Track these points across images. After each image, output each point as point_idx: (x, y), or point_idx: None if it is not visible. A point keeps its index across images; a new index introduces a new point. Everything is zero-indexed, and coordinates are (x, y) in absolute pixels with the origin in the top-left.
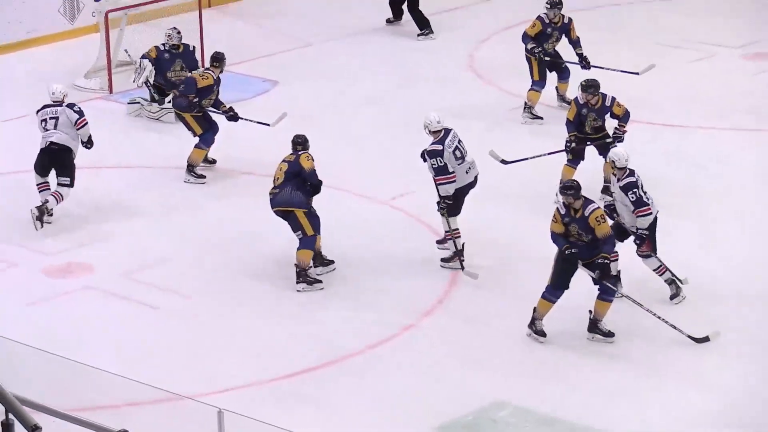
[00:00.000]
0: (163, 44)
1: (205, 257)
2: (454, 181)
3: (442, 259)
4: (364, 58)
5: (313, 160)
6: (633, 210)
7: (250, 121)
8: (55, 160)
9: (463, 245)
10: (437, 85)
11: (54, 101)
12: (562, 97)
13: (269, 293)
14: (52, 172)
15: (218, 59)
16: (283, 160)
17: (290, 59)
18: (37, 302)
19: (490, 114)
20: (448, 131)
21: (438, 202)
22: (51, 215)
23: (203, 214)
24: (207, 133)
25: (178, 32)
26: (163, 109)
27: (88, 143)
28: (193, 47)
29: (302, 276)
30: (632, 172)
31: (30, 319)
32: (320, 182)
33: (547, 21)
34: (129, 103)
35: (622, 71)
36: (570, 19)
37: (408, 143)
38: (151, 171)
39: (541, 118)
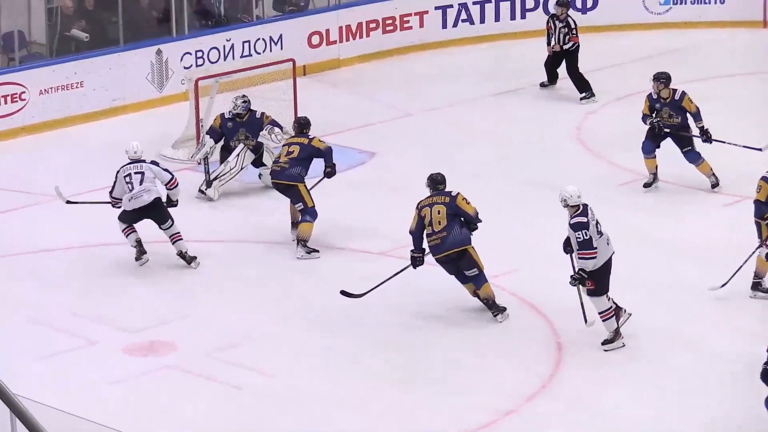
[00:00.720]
0: (229, 112)
1: (290, 335)
2: (595, 257)
3: (604, 342)
4: (466, 128)
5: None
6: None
7: None
8: (149, 215)
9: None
10: (543, 156)
11: (132, 159)
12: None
13: (355, 373)
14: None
15: (305, 125)
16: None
17: (388, 129)
18: (117, 382)
19: (599, 187)
20: (586, 205)
21: (572, 276)
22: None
23: (288, 289)
24: (314, 206)
25: (245, 101)
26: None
27: (175, 204)
28: (261, 114)
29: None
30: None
31: (109, 400)
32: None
33: (655, 97)
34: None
35: (744, 146)
36: (683, 93)
37: (510, 218)
38: (236, 245)
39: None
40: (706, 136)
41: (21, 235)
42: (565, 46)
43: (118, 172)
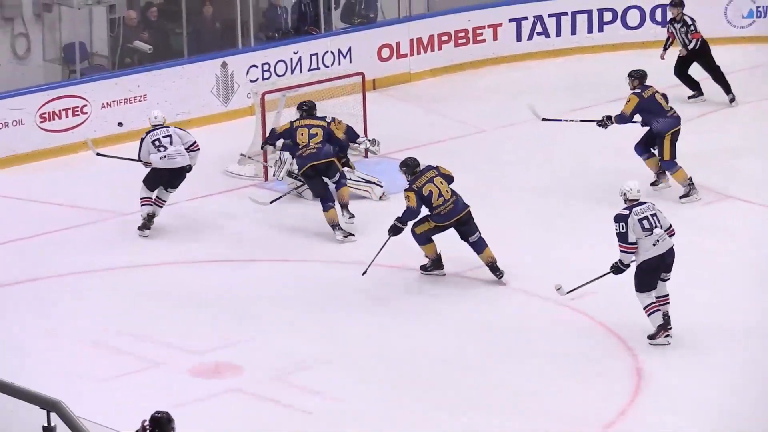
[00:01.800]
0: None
1: (360, 358)
2: (634, 252)
3: (649, 336)
4: (541, 145)
5: None
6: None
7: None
8: (176, 178)
9: (665, 317)
10: (621, 175)
11: (156, 125)
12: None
13: (425, 398)
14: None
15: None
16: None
17: (460, 146)
18: (182, 404)
19: (682, 207)
20: (642, 203)
21: (612, 264)
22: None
23: (356, 313)
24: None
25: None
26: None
27: (189, 170)
28: (331, 119)
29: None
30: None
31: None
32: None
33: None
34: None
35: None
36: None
37: (584, 239)
38: (302, 264)
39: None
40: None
41: (82, 253)
42: (690, 46)
43: (143, 138)
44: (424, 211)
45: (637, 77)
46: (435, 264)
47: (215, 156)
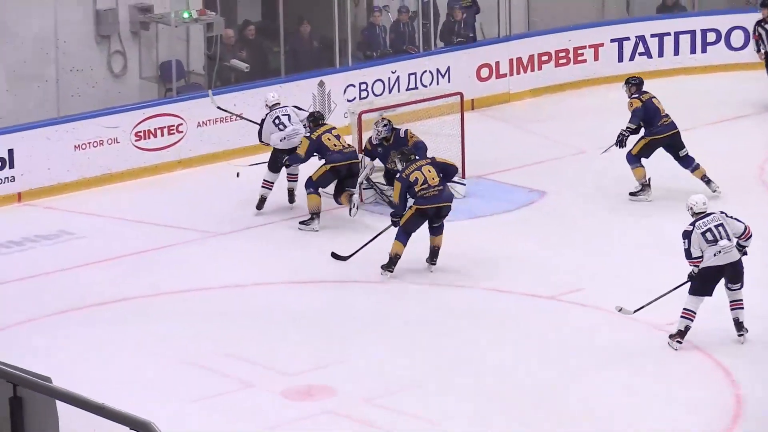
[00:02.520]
0: (375, 138)
1: (454, 380)
2: (696, 266)
3: (670, 336)
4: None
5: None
6: None
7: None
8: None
9: (686, 328)
10: (720, 200)
11: (273, 105)
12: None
13: (525, 418)
14: None
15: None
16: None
17: (560, 167)
18: (274, 427)
19: None
20: (708, 214)
21: (689, 273)
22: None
23: (453, 333)
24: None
25: (385, 124)
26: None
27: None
28: (405, 131)
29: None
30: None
31: None
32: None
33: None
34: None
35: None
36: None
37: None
38: (393, 284)
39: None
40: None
41: (175, 273)
42: None
43: (263, 119)
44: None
45: (635, 84)
46: (390, 264)
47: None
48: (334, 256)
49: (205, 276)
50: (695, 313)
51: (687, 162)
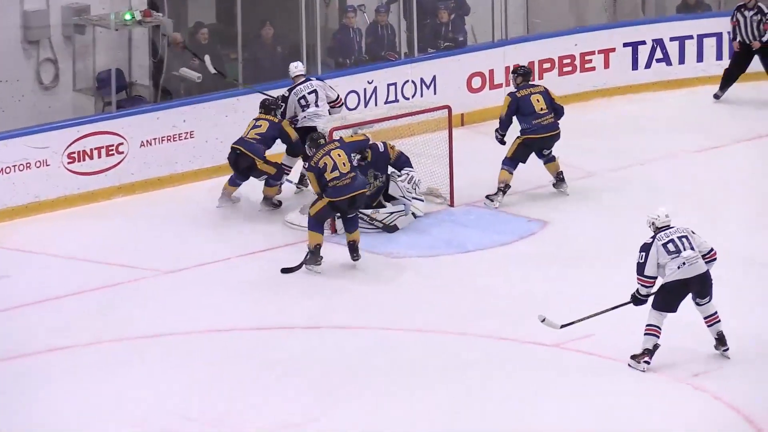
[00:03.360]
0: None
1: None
2: (650, 286)
3: (632, 356)
4: (660, 191)
5: None
6: None
7: None
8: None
9: (655, 346)
10: (754, 225)
11: (298, 76)
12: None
13: None
14: None
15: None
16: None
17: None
18: None
19: None
20: (671, 228)
21: (632, 293)
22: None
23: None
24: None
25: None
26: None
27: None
28: (384, 144)
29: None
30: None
31: None
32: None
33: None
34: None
35: None
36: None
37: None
38: (373, 331)
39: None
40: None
41: (117, 318)
42: (764, 38)
43: (287, 95)
44: None
45: (521, 74)
46: (313, 256)
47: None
48: (285, 270)
49: (154, 321)
50: (660, 329)
51: (545, 156)
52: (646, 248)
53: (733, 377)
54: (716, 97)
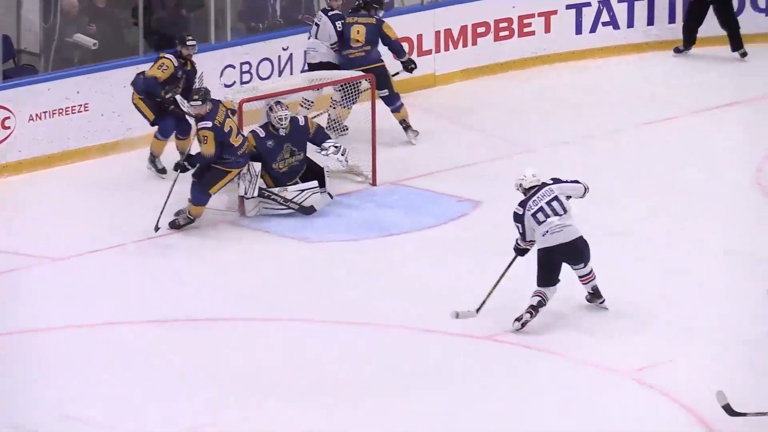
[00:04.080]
0: (264, 126)
1: None
2: (527, 249)
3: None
4: (605, 168)
5: None
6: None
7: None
8: None
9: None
10: (710, 210)
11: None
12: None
13: None
14: None
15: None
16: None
17: (500, 170)
18: None
19: None
20: (541, 187)
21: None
22: None
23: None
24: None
25: (287, 107)
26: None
27: None
28: (305, 117)
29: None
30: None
31: None
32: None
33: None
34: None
35: None
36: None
37: (658, 300)
38: (281, 323)
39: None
40: None
41: (2, 310)
42: None
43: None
44: None
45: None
46: (189, 221)
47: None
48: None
49: (39, 313)
50: (543, 292)
51: (391, 101)
52: (519, 219)
53: (680, 372)
54: (677, 50)
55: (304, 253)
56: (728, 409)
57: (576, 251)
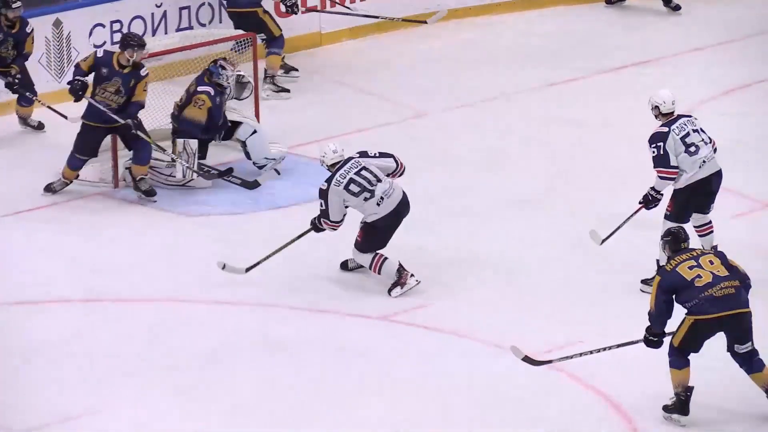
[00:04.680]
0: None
1: None
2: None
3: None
4: (505, 135)
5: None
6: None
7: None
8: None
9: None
10: (608, 180)
11: None
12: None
13: None
14: None
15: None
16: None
17: (393, 137)
18: None
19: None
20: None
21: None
22: None
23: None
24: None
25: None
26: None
27: None
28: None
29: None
30: (671, 121)
31: None
32: None
33: None
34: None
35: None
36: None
37: (563, 280)
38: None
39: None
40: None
41: None
42: None
43: None
44: None
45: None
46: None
47: (46, 155)
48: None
49: None
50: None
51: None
52: (324, 195)
53: (603, 366)
54: (609, 2)
55: (185, 228)
56: (529, 360)
57: (402, 216)
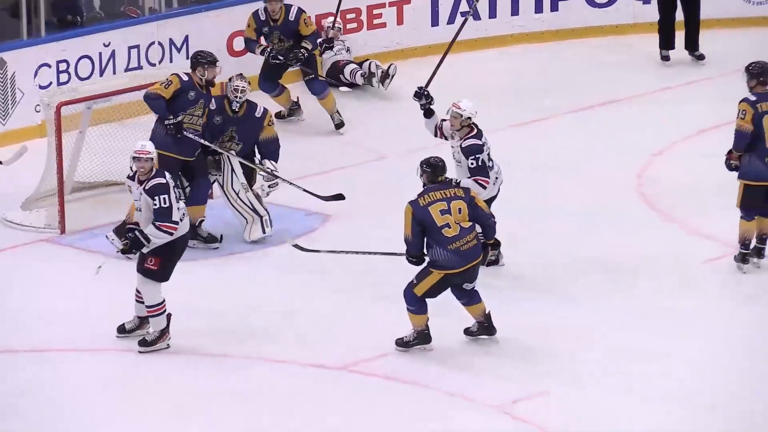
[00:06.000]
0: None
1: None
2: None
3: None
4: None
5: None
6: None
7: None
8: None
9: None
10: (590, 222)
11: None
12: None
13: None
14: None
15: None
16: None
17: (352, 180)
18: None
19: (681, 268)
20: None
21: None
22: None
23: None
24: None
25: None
26: None
27: None
28: (263, 111)
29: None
30: (479, 133)
31: None
32: None
33: (263, 17)
34: None
35: None
36: (299, 11)
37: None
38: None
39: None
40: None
41: None
42: None
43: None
44: None
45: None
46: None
47: None
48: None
49: None
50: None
51: None
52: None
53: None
54: (665, 59)
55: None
56: (299, 247)
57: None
